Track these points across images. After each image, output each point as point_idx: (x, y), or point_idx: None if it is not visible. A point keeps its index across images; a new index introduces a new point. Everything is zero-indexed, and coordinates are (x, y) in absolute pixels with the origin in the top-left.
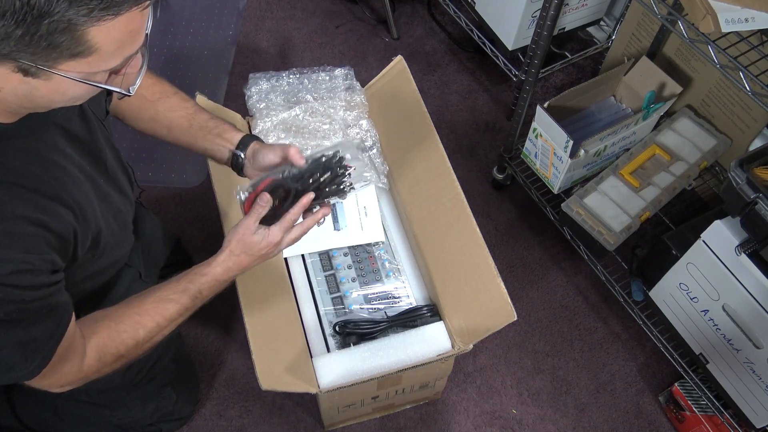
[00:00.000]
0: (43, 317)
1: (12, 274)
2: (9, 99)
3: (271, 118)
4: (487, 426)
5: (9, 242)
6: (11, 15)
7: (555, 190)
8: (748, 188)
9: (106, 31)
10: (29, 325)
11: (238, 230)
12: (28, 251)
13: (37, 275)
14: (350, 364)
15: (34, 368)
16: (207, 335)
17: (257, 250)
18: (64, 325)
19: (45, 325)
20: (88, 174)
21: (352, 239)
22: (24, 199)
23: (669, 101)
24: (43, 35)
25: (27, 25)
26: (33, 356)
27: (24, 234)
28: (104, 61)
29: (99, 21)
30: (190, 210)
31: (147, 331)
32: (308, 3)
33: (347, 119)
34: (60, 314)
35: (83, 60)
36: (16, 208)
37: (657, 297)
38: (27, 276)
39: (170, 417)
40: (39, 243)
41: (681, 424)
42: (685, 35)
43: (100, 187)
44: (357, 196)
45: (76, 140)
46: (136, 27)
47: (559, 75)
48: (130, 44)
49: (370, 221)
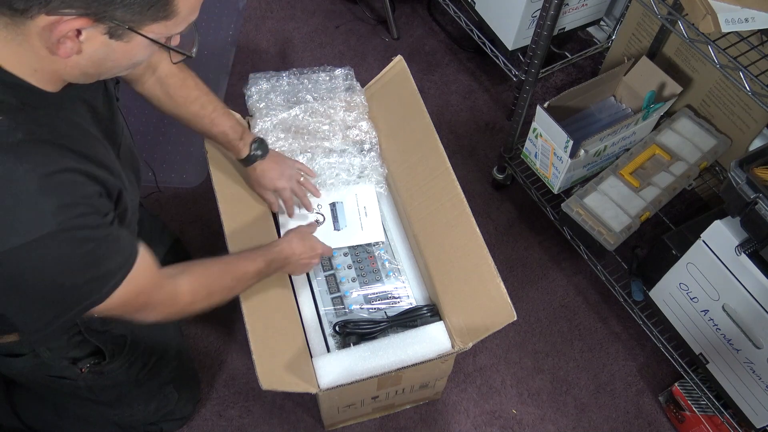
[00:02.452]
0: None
1: (83, 216)
2: (81, 63)
3: (271, 118)
4: (487, 426)
5: (71, 190)
6: None
7: (555, 190)
8: (748, 188)
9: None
10: (105, 260)
11: (299, 229)
12: (89, 196)
13: (102, 216)
14: (350, 364)
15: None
16: (207, 335)
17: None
18: (134, 256)
19: (116, 257)
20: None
21: (353, 239)
22: (73, 158)
23: (669, 101)
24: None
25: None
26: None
27: (80, 182)
28: (177, 24)
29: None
30: (190, 210)
31: (232, 278)
32: (308, 3)
33: (347, 120)
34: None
35: (163, 23)
36: (69, 163)
37: (657, 297)
38: (95, 217)
39: (171, 416)
40: (94, 191)
41: (681, 424)
42: (685, 35)
43: None
44: (357, 197)
45: (100, 118)
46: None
47: (559, 75)
48: (197, 10)
49: (370, 221)
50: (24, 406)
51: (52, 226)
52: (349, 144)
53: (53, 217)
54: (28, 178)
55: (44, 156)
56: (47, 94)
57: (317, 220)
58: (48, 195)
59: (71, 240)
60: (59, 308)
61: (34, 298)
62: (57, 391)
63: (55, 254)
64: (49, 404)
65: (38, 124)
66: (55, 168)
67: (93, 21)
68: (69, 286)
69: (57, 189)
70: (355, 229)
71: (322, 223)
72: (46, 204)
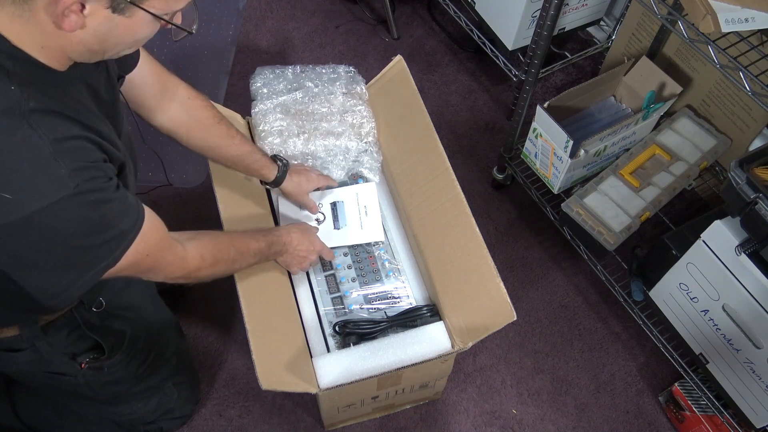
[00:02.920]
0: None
1: (94, 179)
2: (85, 39)
3: (272, 100)
4: (487, 426)
5: (82, 155)
6: None
7: (555, 190)
8: (748, 188)
9: None
10: (117, 221)
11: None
12: (97, 161)
13: (111, 180)
14: (350, 364)
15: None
16: (207, 335)
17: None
18: (142, 217)
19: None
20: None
21: (352, 238)
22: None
23: (669, 101)
24: None
25: None
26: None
27: (89, 149)
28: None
29: None
30: (190, 210)
31: (236, 251)
32: (308, 3)
33: (346, 104)
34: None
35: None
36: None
37: (657, 297)
38: (105, 180)
39: (171, 415)
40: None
41: (681, 424)
42: (685, 35)
43: None
44: (358, 196)
45: (101, 101)
46: None
47: (559, 75)
48: None
49: (371, 221)
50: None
51: (70, 188)
52: (347, 127)
53: (70, 179)
54: (41, 143)
55: (54, 124)
56: (55, 71)
57: (317, 219)
58: (61, 159)
59: (87, 202)
60: (78, 271)
61: (54, 262)
62: (56, 389)
63: (74, 216)
64: (48, 404)
65: (48, 96)
66: (66, 134)
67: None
68: (87, 247)
69: (69, 153)
70: (354, 228)
71: (322, 222)
72: (60, 168)
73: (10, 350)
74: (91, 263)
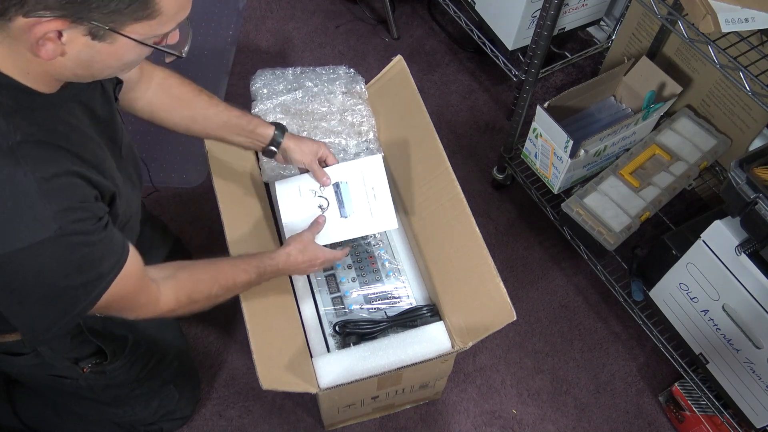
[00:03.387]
0: (106, 254)
1: (80, 222)
2: (68, 65)
3: (272, 100)
4: (487, 426)
5: (69, 194)
6: None
7: (555, 190)
8: (748, 188)
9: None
10: (98, 264)
11: (303, 238)
12: (86, 200)
13: (97, 220)
14: (350, 364)
15: (93, 298)
16: (207, 335)
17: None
18: (124, 258)
19: (107, 260)
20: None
21: (361, 229)
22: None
23: (669, 101)
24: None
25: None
26: (93, 288)
27: (78, 185)
28: (163, 24)
29: None
30: (190, 210)
31: (220, 287)
32: (308, 3)
33: (346, 104)
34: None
35: (146, 23)
36: (67, 165)
37: (657, 297)
38: (91, 222)
39: (171, 416)
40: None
41: (681, 424)
42: (685, 35)
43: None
44: (363, 174)
45: (98, 120)
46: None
47: (559, 75)
48: (184, 9)
49: (381, 205)
50: (24, 406)
51: (52, 230)
52: (347, 126)
53: (53, 221)
54: (27, 182)
55: (42, 158)
56: (43, 95)
57: (320, 206)
58: (47, 199)
59: (69, 244)
60: (57, 311)
61: (33, 301)
62: (58, 390)
63: (54, 258)
64: (49, 404)
65: (36, 124)
66: (54, 171)
67: (71, 22)
68: (66, 288)
69: (56, 193)
70: (363, 216)
71: (325, 209)
72: (46, 208)
73: (12, 354)
74: (70, 304)
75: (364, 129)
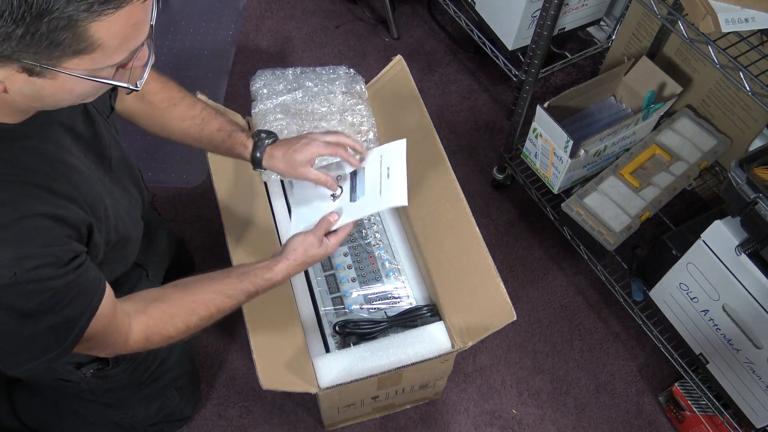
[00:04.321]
0: (74, 298)
1: (37, 269)
2: (17, 99)
3: (272, 100)
4: (487, 426)
5: (31, 238)
6: (9, 15)
7: (555, 190)
8: (748, 188)
9: (108, 26)
10: (61, 308)
11: (305, 243)
12: (49, 245)
13: (62, 265)
14: (350, 364)
15: (67, 345)
16: (207, 335)
17: (316, 258)
18: (97, 300)
19: (76, 304)
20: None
21: (369, 208)
22: (38, 197)
23: (669, 101)
24: (44, 34)
25: (27, 25)
26: (66, 335)
27: (43, 228)
28: (109, 56)
29: (100, 16)
30: (190, 210)
31: (200, 318)
32: (308, 3)
33: (346, 104)
34: (92, 291)
35: (87, 57)
36: (32, 206)
37: (657, 297)
38: (52, 268)
39: (172, 417)
40: (58, 235)
41: (681, 424)
42: (685, 35)
43: (105, 184)
44: (382, 158)
45: (81, 139)
46: (139, 19)
47: (559, 75)
48: (135, 37)
49: (393, 183)
50: (24, 406)
51: (5, 278)
52: (347, 126)
53: (6, 269)
54: None
55: (5, 201)
56: (8, 126)
57: (334, 195)
58: (5, 246)
59: (23, 292)
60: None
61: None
62: (59, 392)
63: (8, 305)
64: (49, 404)
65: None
66: (13, 216)
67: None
68: (29, 335)
69: (15, 238)
70: (372, 195)
71: (339, 197)
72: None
73: None
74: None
75: (364, 129)
